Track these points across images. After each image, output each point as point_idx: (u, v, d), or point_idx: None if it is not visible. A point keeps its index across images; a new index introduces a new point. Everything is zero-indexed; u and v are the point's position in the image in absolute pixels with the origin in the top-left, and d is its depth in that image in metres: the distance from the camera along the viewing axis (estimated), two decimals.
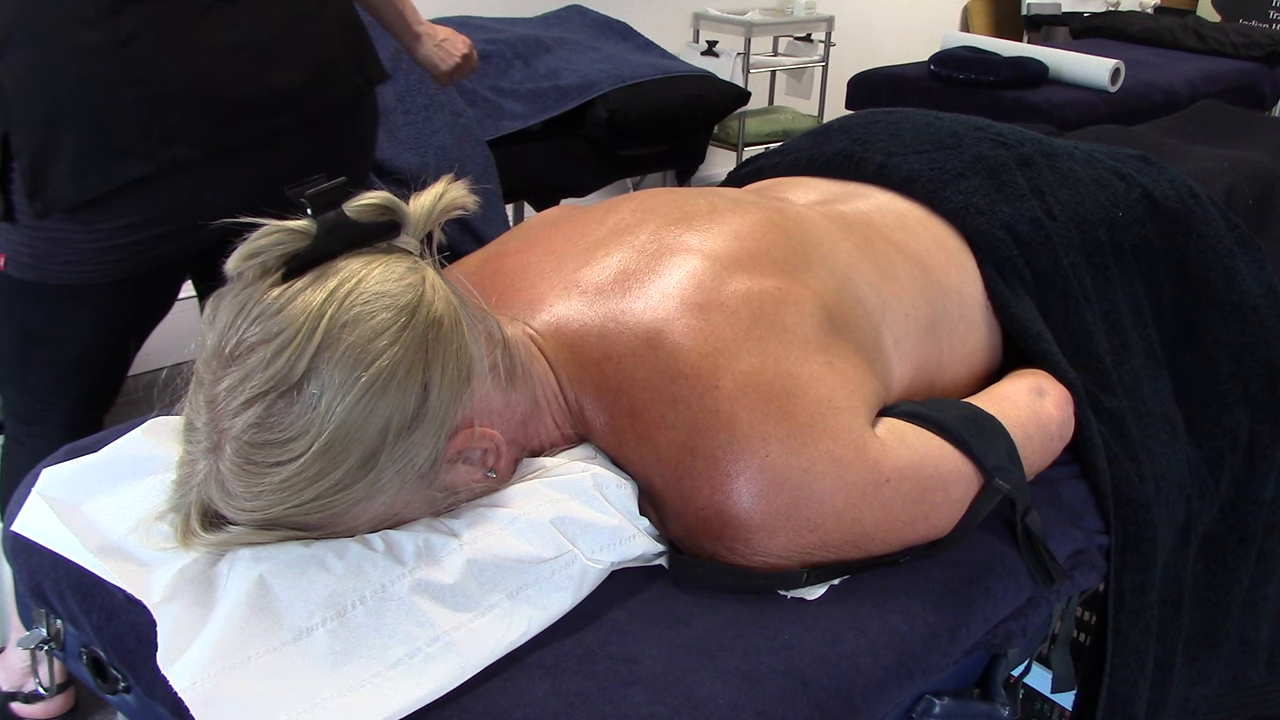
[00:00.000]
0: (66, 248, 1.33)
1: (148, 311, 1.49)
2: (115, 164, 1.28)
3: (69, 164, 1.27)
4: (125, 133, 1.27)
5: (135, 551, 0.81)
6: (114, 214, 1.31)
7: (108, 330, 1.44)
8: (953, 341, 1.09)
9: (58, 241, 1.32)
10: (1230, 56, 3.71)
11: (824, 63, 3.98)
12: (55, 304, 1.38)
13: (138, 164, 1.28)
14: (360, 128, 1.53)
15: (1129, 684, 1.08)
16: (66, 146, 1.27)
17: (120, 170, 1.28)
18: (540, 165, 2.63)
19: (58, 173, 1.27)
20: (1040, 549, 0.95)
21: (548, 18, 3.09)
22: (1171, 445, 1.15)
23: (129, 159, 1.28)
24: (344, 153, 1.51)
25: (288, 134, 1.38)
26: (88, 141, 1.27)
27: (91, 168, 1.27)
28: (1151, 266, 1.23)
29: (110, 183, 1.28)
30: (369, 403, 0.74)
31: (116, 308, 1.42)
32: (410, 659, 0.73)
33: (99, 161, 1.28)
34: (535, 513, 0.82)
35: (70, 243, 1.32)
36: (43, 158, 1.27)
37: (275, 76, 1.35)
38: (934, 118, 1.30)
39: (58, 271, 1.34)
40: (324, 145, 1.45)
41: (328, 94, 1.42)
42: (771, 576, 0.85)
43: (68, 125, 1.26)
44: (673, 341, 0.86)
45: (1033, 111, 2.98)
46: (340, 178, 0.77)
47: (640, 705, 0.73)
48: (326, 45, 1.43)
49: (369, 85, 1.50)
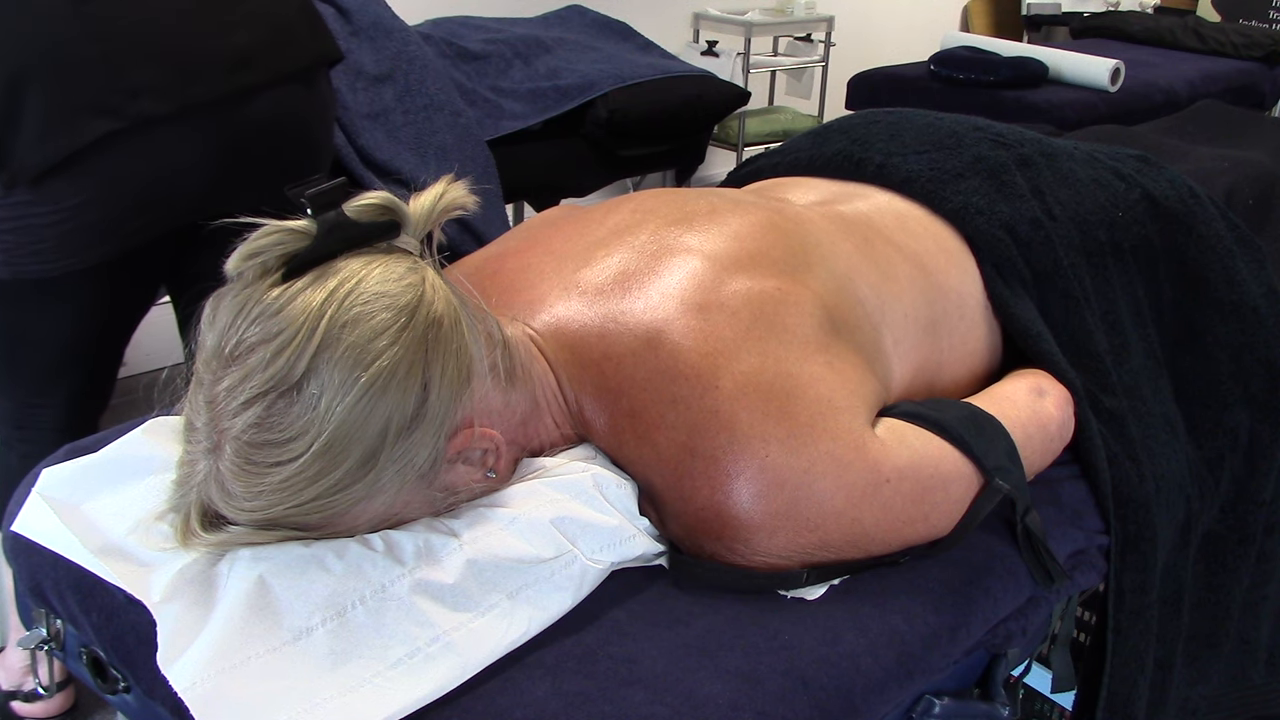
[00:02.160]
0: (35, 235, 1.31)
1: (126, 305, 1.48)
2: (82, 122, 1.26)
3: (34, 128, 1.25)
4: (91, 91, 1.26)
5: (135, 551, 0.81)
6: (81, 186, 1.29)
7: (87, 324, 1.43)
8: (952, 342, 1.09)
9: (25, 230, 1.31)
10: (1230, 56, 3.71)
11: (824, 63, 3.98)
12: (31, 301, 1.37)
13: (105, 121, 1.27)
14: (319, 98, 1.54)
15: (1129, 684, 1.08)
16: (31, 111, 1.25)
17: (88, 127, 1.26)
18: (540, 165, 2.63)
19: (23, 139, 1.25)
20: (1040, 549, 0.95)
21: (548, 18, 3.09)
22: (1171, 445, 1.15)
23: (96, 117, 1.26)
24: (306, 121, 1.51)
25: (251, 93, 1.39)
26: (53, 102, 1.25)
27: (60, 129, 1.26)
28: (1151, 266, 1.23)
29: (78, 141, 1.26)
30: (369, 403, 0.74)
31: (92, 299, 1.41)
32: (410, 659, 0.73)
33: (66, 122, 1.26)
34: (535, 513, 0.82)
35: (38, 229, 1.31)
36: (5, 125, 1.25)
37: (237, 34, 1.36)
38: (934, 118, 1.30)
39: (29, 266, 1.33)
40: (286, 108, 1.45)
41: (288, 54, 1.44)
42: (771, 576, 0.85)
43: (30, 89, 1.24)
44: (673, 342, 0.86)
45: (1033, 111, 2.98)
46: (340, 178, 0.77)
47: (640, 705, 0.73)
48: (284, 11, 1.45)
49: (323, 59, 1.52)
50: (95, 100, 1.27)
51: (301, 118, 1.49)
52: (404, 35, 2.28)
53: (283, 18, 1.45)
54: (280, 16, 1.44)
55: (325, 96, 1.56)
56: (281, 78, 1.43)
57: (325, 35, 1.53)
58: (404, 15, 2.36)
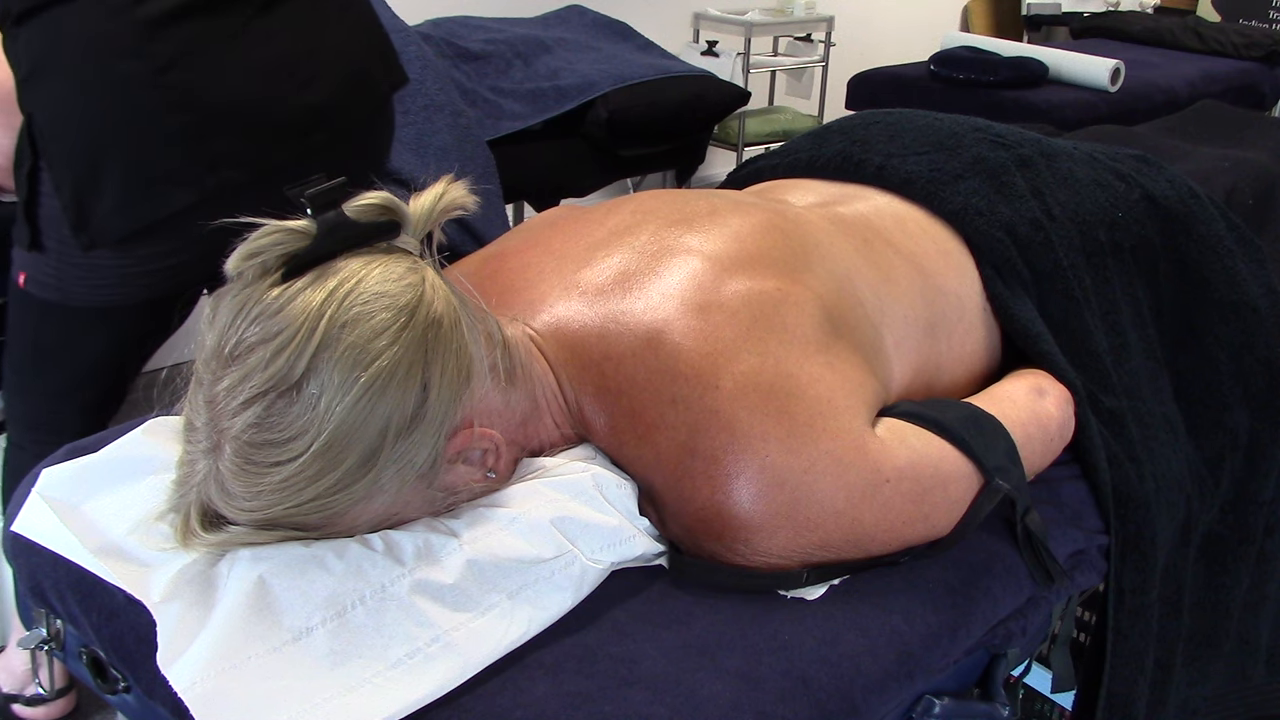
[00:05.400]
0: (95, 273, 1.31)
1: (165, 326, 1.47)
2: (163, 193, 1.25)
3: (115, 196, 1.24)
4: (171, 161, 1.25)
5: (135, 551, 0.81)
6: (156, 242, 1.29)
7: (124, 347, 1.43)
8: (952, 343, 1.09)
9: (87, 267, 1.30)
10: (1230, 56, 3.72)
11: (824, 63, 3.98)
12: (73, 323, 1.36)
13: (185, 193, 1.26)
14: (383, 132, 1.53)
15: (1129, 684, 1.08)
16: (111, 179, 1.24)
17: (168, 200, 1.25)
18: (540, 165, 2.63)
19: (104, 206, 1.25)
20: (1040, 549, 0.95)
21: (548, 18, 3.09)
22: (1171, 445, 1.15)
23: (176, 188, 1.25)
24: (366, 158, 1.50)
25: (323, 147, 1.37)
26: (133, 172, 1.24)
27: (139, 199, 1.25)
28: (1151, 267, 1.23)
29: (159, 213, 1.25)
30: (368, 403, 0.74)
31: (135, 326, 1.40)
32: (410, 659, 0.73)
33: (146, 192, 1.25)
34: (535, 513, 0.82)
35: (102, 269, 1.31)
36: (86, 191, 1.24)
37: (313, 92, 1.34)
38: (933, 118, 1.30)
39: (81, 294, 1.33)
40: (352, 154, 1.44)
41: (359, 104, 1.42)
42: (771, 576, 0.85)
43: (110, 157, 1.24)
44: (673, 342, 0.86)
45: (1033, 111, 2.98)
46: (340, 178, 0.77)
47: (640, 705, 0.73)
48: (355, 53, 1.42)
49: (392, 91, 1.50)
50: (176, 171, 1.25)
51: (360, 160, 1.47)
52: (404, 35, 2.28)
53: (356, 60, 1.42)
54: (354, 59, 1.41)
55: (388, 129, 1.54)
56: (350, 129, 1.41)
57: (395, 65, 1.50)
58: (404, 15, 2.37)
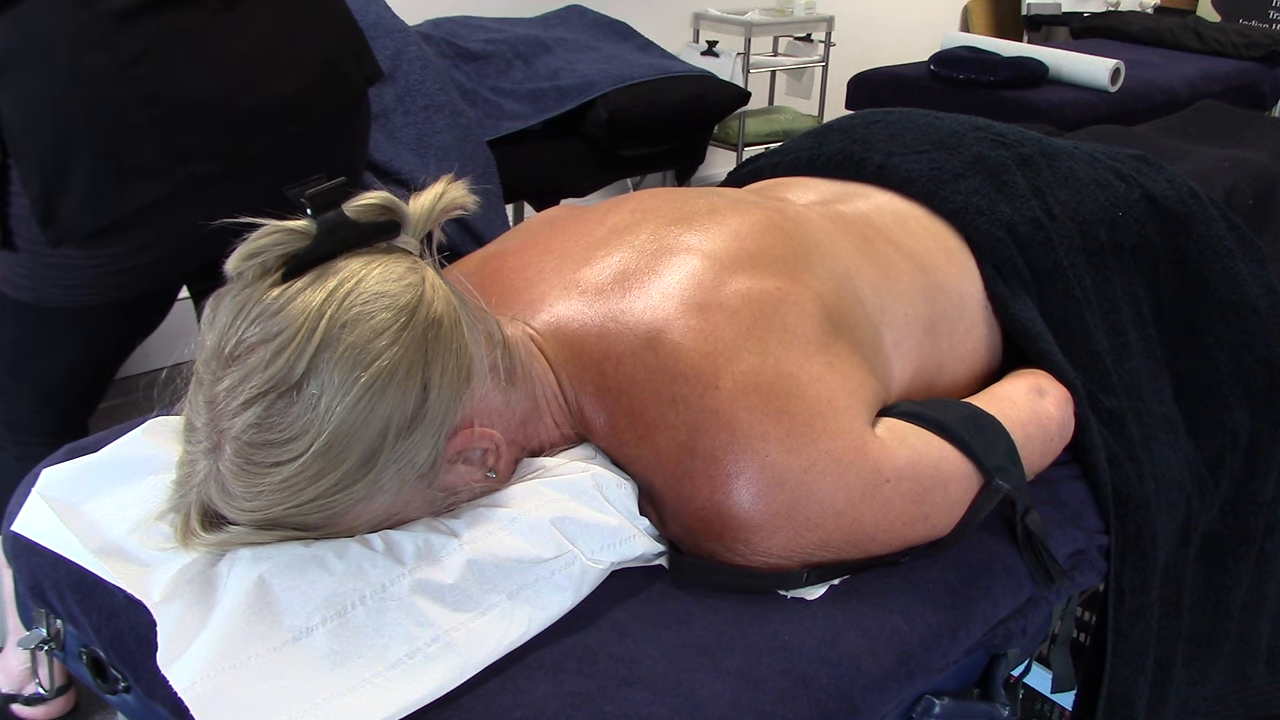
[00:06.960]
0: (68, 272, 1.29)
1: (143, 327, 1.46)
2: (132, 187, 1.24)
3: (83, 191, 1.23)
4: (140, 154, 1.23)
5: (135, 551, 0.81)
6: (126, 238, 1.28)
7: (102, 348, 1.42)
8: (952, 342, 1.09)
9: (59, 266, 1.29)
10: (1230, 56, 3.71)
11: (824, 63, 3.98)
12: (48, 324, 1.35)
13: (155, 185, 1.24)
14: (359, 127, 1.53)
15: (1129, 684, 1.08)
16: (78, 173, 1.22)
17: (137, 193, 1.24)
18: (540, 165, 2.63)
19: (72, 201, 1.23)
20: (1040, 549, 0.95)
21: (548, 18, 3.09)
22: (1171, 445, 1.15)
23: (146, 181, 1.24)
24: (345, 153, 1.50)
25: (297, 141, 1.36)
26: (101, 166, 1.23)
27: (108, 193, 1.23)
28: (1151, 266, 1.23)
29: (129, 206, 1.24)
30: (369, 403, 0.74)
31: (112, 327, 1.39)
32: (410, 659, 0.73)
33: (115, 186, 1.24)
34: (535, 513, 0.82)
35: (73, 268, 1.29)
36: (54, 186, 1.23)
37: (284, 84, 1.33)
38: (934, 117, 1.30)
39: (55, 294, 1.31)
40: (329, 148, 1.44)
41: (333, 97, 1.41)
42: (771, 576, 0.85)
43: (79, 151, 1.22)
44: (673, 341, 0.86)
45: (1033, 111, 2.98)
46: (340, 178, 0.77)
47: (640, 705, 0.73)
48: (329, 46, 1.41)
49: (367, 84, 1.50)
50: (145, 165, 1.24)
51: (340, 153, 1.47)
52: (404, 35, 2.28)
53: (329, 53, 1.41)
54: (327, 52, 1.40)
55: (365, 122, 1.53)
56: (325, 121, 1.40)
57: (369, 59, 1.49)
58: (404, 15, 2.37)
